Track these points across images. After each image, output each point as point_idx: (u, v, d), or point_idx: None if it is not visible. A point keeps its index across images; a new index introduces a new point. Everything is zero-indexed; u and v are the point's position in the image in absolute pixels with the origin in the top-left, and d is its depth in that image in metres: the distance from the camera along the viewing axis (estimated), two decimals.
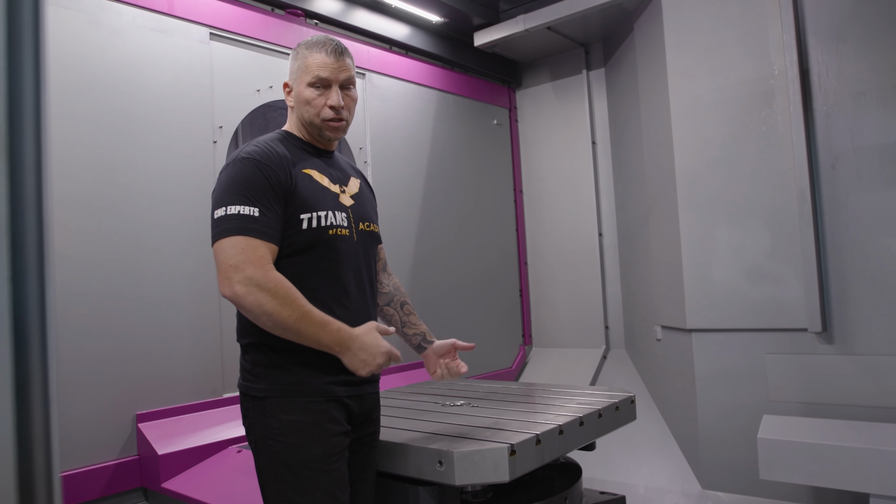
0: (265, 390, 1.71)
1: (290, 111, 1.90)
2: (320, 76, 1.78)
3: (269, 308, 1.57)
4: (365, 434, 1.92)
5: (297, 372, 1.71)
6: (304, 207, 1.73)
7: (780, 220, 3.25)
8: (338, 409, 1.75)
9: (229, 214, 1.62)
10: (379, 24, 4.02)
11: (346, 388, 1.78)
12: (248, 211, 1.62)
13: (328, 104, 1.79)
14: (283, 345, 1.70)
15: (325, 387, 1.73)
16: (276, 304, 1.58)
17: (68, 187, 2.59)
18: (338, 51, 1.81)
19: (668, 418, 3.94)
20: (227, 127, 3.17)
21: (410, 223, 4.18)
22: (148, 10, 2.90)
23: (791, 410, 3.18)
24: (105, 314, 2.66)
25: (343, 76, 1.81)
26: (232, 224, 1.61)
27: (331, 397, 1.74)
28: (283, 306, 1.58)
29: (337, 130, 1.85)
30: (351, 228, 1.83)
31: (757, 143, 3.33)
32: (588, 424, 2.40)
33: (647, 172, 4.02)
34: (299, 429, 1.68)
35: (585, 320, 4.83)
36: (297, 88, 1.83)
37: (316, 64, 1.78)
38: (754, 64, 3.34)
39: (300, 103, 1.82)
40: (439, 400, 2.85)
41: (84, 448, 2.56)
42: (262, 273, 1.59)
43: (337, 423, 1.74)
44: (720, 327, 3.41)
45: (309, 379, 1.72)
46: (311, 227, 1.72)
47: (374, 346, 1.68)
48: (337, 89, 1.80)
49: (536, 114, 5.15)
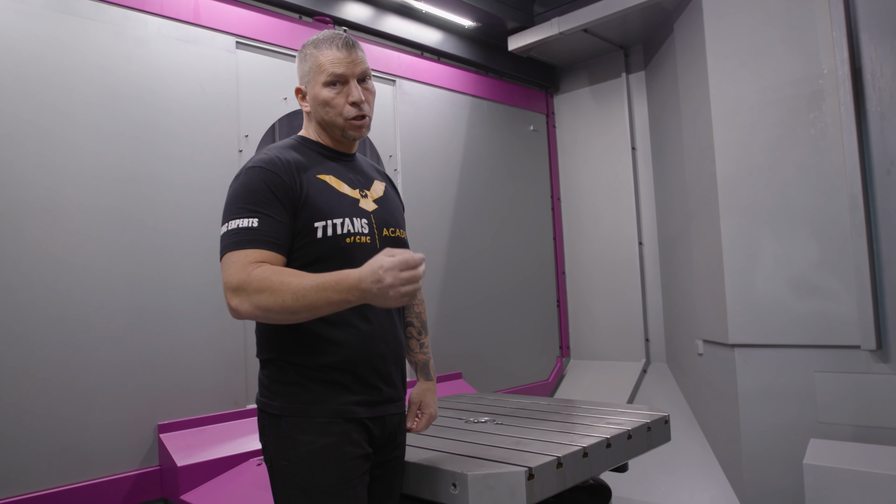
0: (281, 408, 1.64)
1: (307, 116, 1.81)
2: (336, 73, 1.68)
3: (266, 304, 1.46)
4: (389, 458, 1.81)
5: (315, 390, 1.63)
6: (317, 215, 1.64)
7: (829, 228, 3.05)
8: (358, 431, 1.66)
9: (230, 230, 1.57)
10: (410, 29, 3.96)
11: (367, 409, 1.69)
12: (247, 223, 1.55)
13: (349, 101, 1.70)
14: (302, 361, 1.63)
15: (343, 407, 1.64)
16: (270, 297, 1.45)
17: (91, 198, 2.60)
18: (349, 44, 1.71)
19: (710, 438, 3.74)
20: (253, 136, 3.15)
21: (442, 232, 4.10)
22: (173, 20, 2.90)
23: (842, 434, 2.96)
24: (128, 324, 2.66)
25: (359, 69, 1.71)
26: (231, 240, 1.55)
27: (350, 418, 1.65)
28: (276, 295, 1.44)
29: (361, 129, 1.75)
30: (373, 235, 1.72)
31: (804, 147, 3.13)
32: (616, 446, 2.27)
33: (688, 179, 3.84)
34: (316, 451, 1.60)
35: (625, 332, 4.66)
36: (312, 91, 1.73)
37: (329, 61, 1.69)
38: (801, 63, 3.15)
39: (318, 106, 1.72)
40: (464, 416, 2.76)
41: (105, 458, 2.56)
42: (245, 276, 1.48)
43: (357, 445, 1.65)
44: (765, 343, 3.21)
45: (327, 398, 1.63)
46: (327, 235, 1.63)
47: (378, 270, 1.38)
48: (355, 83, 1.71)
49: (575, 119, 5.01)
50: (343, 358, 1.65)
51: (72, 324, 2.51)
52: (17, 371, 2.37)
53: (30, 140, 2.47)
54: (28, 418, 2.38)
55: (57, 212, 2.51)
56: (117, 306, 2.64)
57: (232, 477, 2.65)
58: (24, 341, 2.40)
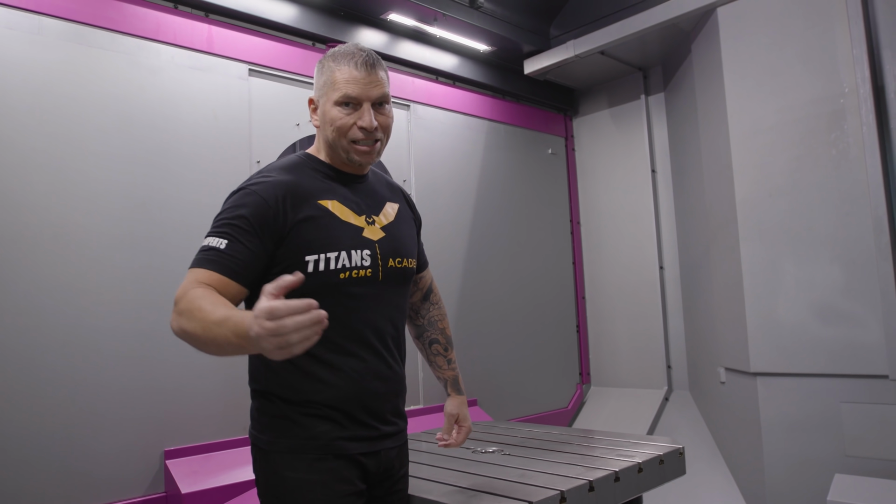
0: (269, 443, 1.55)
1: (318, 132, 1.66)
2: (350, 94, 1.52)
3: (185, 327, 1.30)
4: (390, 492, 1.70)
5: (304, 425, 1.54)
6: (309, 248, 1.50)
7: (853, 251, 2.93)
8: (349, 468, 1.55)
9: (202, 246, 1.46)
10: (424, 55, 3.97)
11: (359, 445, 1.58)
12: (216, 243, 1.43)
13: (358, 125, 1.54)
14: (289, 396, 1.55)
15: (334, 443, 1.54)
16: (188, 321, 1.29)
17: (102, 224, 2.63)
18: (369, 63, 1.54)
19: (733, 469, 3.60)
20: (265, 162, 3.17)
21: (457, 256, 4.06)
22: (187, 49, 2.95)
23: (870, 468, 2.82)
24: (136, 350, 2.67)
25: (375, 93, 1.55)
26: (197, 256, 1.45)
27: (340, 454, 1.54)
28: (192, 321, 1.28)
29: (367, 155, 1.59)
30: (375, 267, 1.58)
31: (826, 168, 3.03)
32: (625, 480, 2.18)
33: (708, 202, 3.75)
34: (304, 489, 1.50)
35: (646, 359, 4.54)
36: (323, 106, 1.58)
37: (344, 79, 1.53)
38: (821, 82, 3.06)
39: (326, 123, 1.57)
40: (472, 445, 2.69)
41: (112, 483, 2.55)
42: (182, 294, 1.34)
43: (348, 482, 1.54)
44: (788, 371, 3.09)
45: (317, 433, 1.53)
46: (318, 270, 1.50)
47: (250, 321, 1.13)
48: (369, 108, 1.54)
49: (594, 142, 4.96)
50: (331, 396, 1.55)
51: (81, 349, 2.53)
52: (25, 395, 2.39)
53: (43, 168, 2.51)
54: (35, 442, 2.40)
55: (68, 238, 2.55)
56: (126, 332, 2.65)
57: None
58: (33, 366, 2.42)
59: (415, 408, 3.67)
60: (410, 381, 3.66)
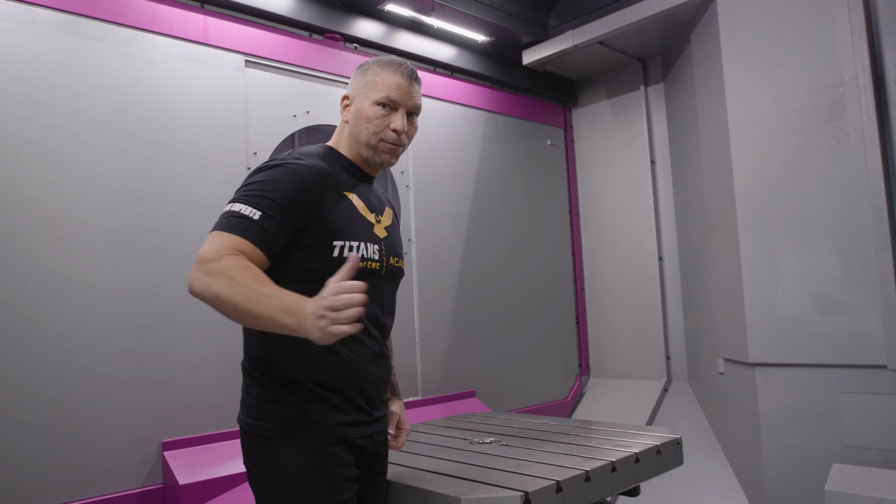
0: (271, 429, 1.58)
1: (341, 126, 1.76)
2: (391, 97, 1.66)
3: (218, 290, 1.35)
4: (372, 475, 1.78)
5: (306, 410, 1.58)
6: (337, 234, 1.59)
7: (852, 241, 2.92)
8: (349, 453, 1.63)
9: (231, 211, 1.49)
10: (422, 45, 3.95)
11: (357, 429, 1.65)
12: (250, 212, 1.47)
13: (392, 127, 1.67)
14: (292, 379, 1.59)
15: (336, 428, 1.60)
16: (224, 285, 1.35)
17: (98, 217, 2.63)
18: (413, 75, 1.71)
19: (731, 460, 3.60)
20: (262, 153, 3.16)
21: (456, 248, 4.05)
22: (182, 40, 2.94)
23: (869, 458, 2.81)
24: (133, 342, 2.67)
25: (412, 103, 1.70)
26: (227, 220, 1.47)
27: (342, 440, 1.61)
28: (231, 286, 1.34)
29: (392, 154, 1.71)
30: (382, 262, 1.70)
31: (825, 158, 3.02)
32: (622, 470, 2.18)
33: (707, 192, 3.74)
34: (308, 473, 1.55)
35: (645, 350, 4.54)
36: (359, 104, 1.69)
37: (388, 84, 1.66)
38: (820, 71, 3.04)
39: (359, 119, 1.68)
40: (469, 436, 2.69)
41: (110, 475, 2.56)
42: (217, 256, 1.39)
43: (347, 467, 1.62)
44: (787, 362, 3.08)
45: (319, 419, 1.59)
46: (342, 256, 1.58)
47: (317, 299, 1.30)
48: (403, 113, 1.69)
49: (593, 133, 4.94)
50: (335, 378, 1.60)
51: (77, 341, 2.53)
52: (22, 388, 2.39)
53: (38, 160, 2.51)
54: (33, 435, 2.40)
55: (63, 230, 2.54)
56: (123, 324, 2.65)
57: (234, 496, 2.62)
58: (30, 358, 2.42)
59: (413, 399, 3.67)
60: (409, 373, 3.68)
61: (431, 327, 3.84)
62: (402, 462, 2.26)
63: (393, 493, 2.00)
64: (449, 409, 3.72)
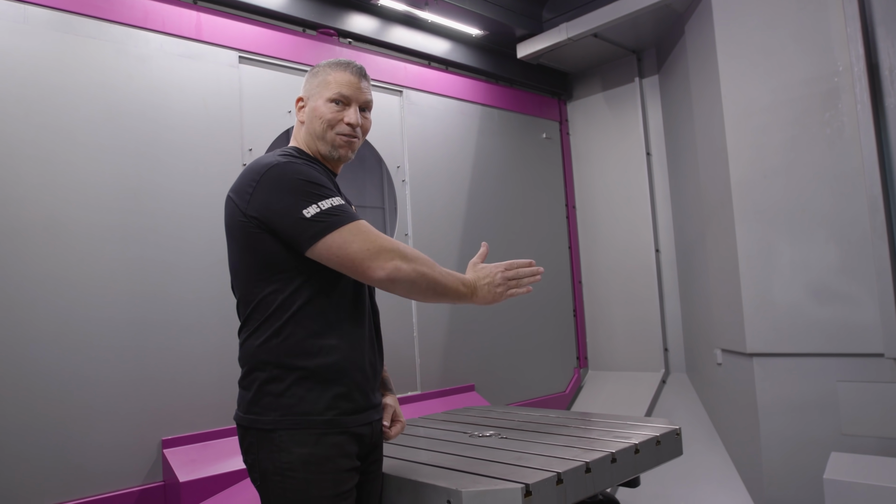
0: (275, 422, 1.61)
1: (298, 127, 1.85)
2: (343, 93, 1.77)
3: (424, 271, 1.61)
4: (369, 464, 1.81)
5: (307, 401, 1.61)
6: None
7: (849, 231, 2.93)
8: (350, 443, 1.66)
9: (326, 209, 1.57)
10: (416, 40, 3.94)
11: (358, 417, 1.68)
12: (337, 202, 1.61)
13: (346, 121, 1.77)
14: (293, 369, 1.62)
15: (338, 418, 1.64)
16: (427, 267, 1.63)
17: (93, 215, 2.62)
18: (361, 72, 1.82)
19: (730, 450, 3.61)
20: (257, 150, 3.15)
21: (452, 242, 4.05)
22: (176, 37, 2.92)
23: (867, 446, 2.83)
24: (131, 340, 2.66)
25: (363, 98, 1.81)
26: (336, 216, 1.58)
27: (344, 430, 1.64)
28: (431, 267, 1.65)
29: (349, 147, 1.80)
30: None
31: (820, 148, 3.02)
32: (622, 461, 2.18)
33: (703, 183, 3.74)
34: (312, 463, 1.58)
35: (643, 342, 4.55)
36: (313, 103, 1.79)
37: (338, 81, 1.78)
38: (815, 61, 3.05)
39: (315, 117, 1.78)
40: (468, 429, 2.70)
41: (109, 474, 2.56)
42: (396, 245, 1.61)
43: (349, 457, 1.65)
44: (784, 351, 3.09)
45: (321, 409, 1.62)
46: None
47: (490, 271, 1.78)
48: (356, 108, 1.79)
49: (589, 126, 4.94)
50: (340, 358, 1.65)
51: (75, 340, 2.52)
52: (20, 387, 2.38)
53: (31, 159, 2.49)
54: (32, 434, 2.39)
55: (59, 229, 2.53)
56: (120, 322, 2.64)
57: (235, 493, 2.62)
58: (27, 358, 2.41)
59: (412, 394, 3.67)
60: (407, 368, 3.68)
61: (430, 322, 3.84)
62: (403, 456, 2.26)
63: (393, 486, 2.01)
64: (448, 403, 3.72)
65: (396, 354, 3.62)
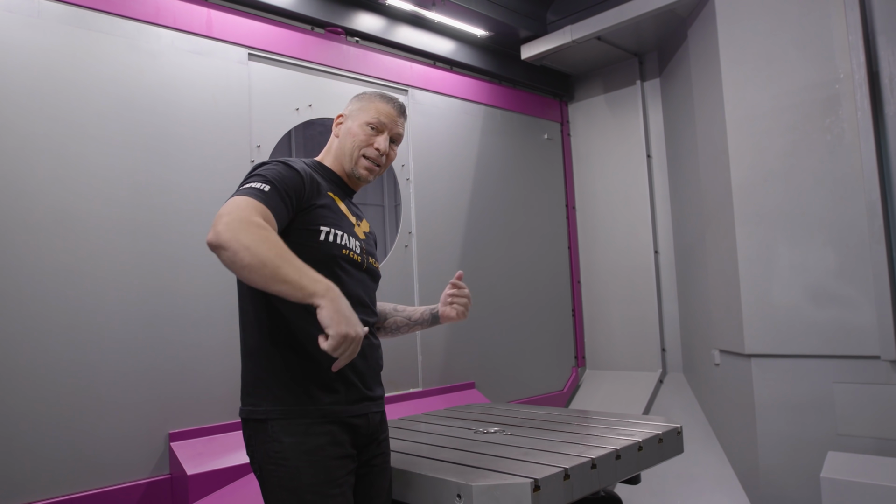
0: (267, 412, 1.67)
1: (331, 142, 1.97)
2: (381, 120, 1.91)
3: (248, 243, 1.41)
4: (372, 457, 1.85)
5: (299, 392, 1.68)
6: (324, 221, 1.76)
7: (847, 235, 2.99)
8: (343, 432, 1.71)
9: (245, 187, 1.61)
10: (422, 39, 3.97)
11: (350, 408, 1.74)
12: (260, 186, 1.61)
13: (375, 146, 1.89)
14: (281, 362, 1.68)
15: (329, 408, 1.69)
16: (257, 241, 1.42)
17: (103, 209, 2.63)
18: (402, 110, 1.98)
19: (727, 449, 3.67)
20: (266, 146, 3.18)
21: (454, 241, 4.09)
22: (186, 33, 2.94)
23: (862, 446, 2.89)
24: (140, 333, 2.68)
25: (396, 130, 1.95)
26: (245, 191, 1.59)
27: (335, 419, 1.70)
28: (265, 243, 1.43)
29: (370, 172, 1.92)
30: (362, 257, 1.87)
31: (820, 153, 3.08)
32: (626, 458, 2.23)
33: (703, 186, 3.80)
34: (302, 452, 1.64)
35: (641, 342, 4.60)
36: (351, 123, 1.92)
37: (379, 110, 1.92)
38: (816, 68, 3.10)
39: (349, 135, 1.90)
40: (473, 426, 2.74)
41: (117, 466, 2.58)
42: (248, 213, 1.48)
43: (341, 446, 1.70)
44: (782, 353, 3.15)
45: (312, 399, 1.68)
46: (328, 240, 1.75)
47: (345, 322, 1.45)
48: (387, 137, 1.92)
49: (590, 127, 4.99)
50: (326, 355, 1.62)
51: (84, 333, 2.54)
52: (29, 379, 2.40)
53: (43, 152, 2.51)
54: (40, 426, 2.41)
55: (69, 223, 2.55)
56: (129, 315, 2.66)
57: (241, 486, 2.65)
58: (37, 350, 2.43)
59: (413, 390, 3.71)
60: (409, 365, 3.72)
61: None
62: (410, 451, 2.30)
63: (402, 481, 2.04)
64: (449, 400, 3.76)
65: (399, 351, 3.65)
